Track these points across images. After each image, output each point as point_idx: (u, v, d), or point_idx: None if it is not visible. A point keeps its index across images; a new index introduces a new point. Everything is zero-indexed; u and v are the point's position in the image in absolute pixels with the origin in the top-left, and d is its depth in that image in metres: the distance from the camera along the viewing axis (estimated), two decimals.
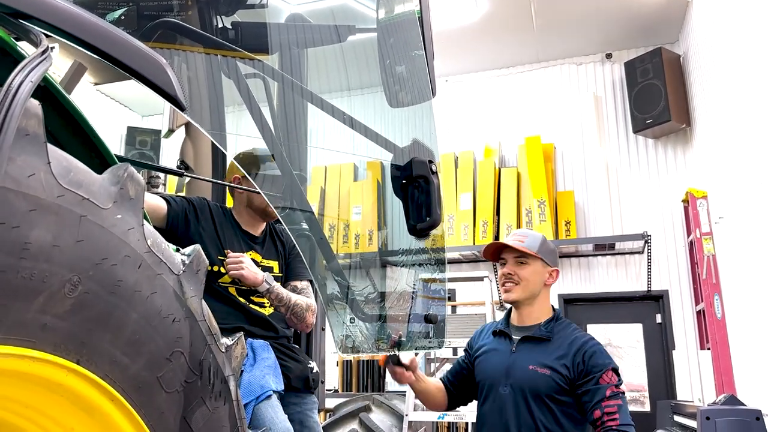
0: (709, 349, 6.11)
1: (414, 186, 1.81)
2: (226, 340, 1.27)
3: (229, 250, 2.34)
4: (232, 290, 2.33)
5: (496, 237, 7.52)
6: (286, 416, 2.13)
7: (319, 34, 2.09)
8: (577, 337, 2.40)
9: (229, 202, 2.87)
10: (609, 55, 7.91)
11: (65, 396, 0.96)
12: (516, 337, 2.42)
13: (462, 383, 2.58)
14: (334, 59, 2.17)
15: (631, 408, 7.02)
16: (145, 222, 1.08)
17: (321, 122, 1.91)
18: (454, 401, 2.60)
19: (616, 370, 2.32)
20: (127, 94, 8.80)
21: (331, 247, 1.89)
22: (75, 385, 0.95)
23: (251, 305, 2.37)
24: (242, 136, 1.88)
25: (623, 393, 2.25)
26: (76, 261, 0.91)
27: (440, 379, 2.62)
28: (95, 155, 1.26)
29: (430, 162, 1.81)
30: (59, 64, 2.19)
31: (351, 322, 1.75)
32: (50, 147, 0.90)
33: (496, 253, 2.49)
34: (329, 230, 1.97)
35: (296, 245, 2.54)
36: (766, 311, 4.70)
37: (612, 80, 7.88)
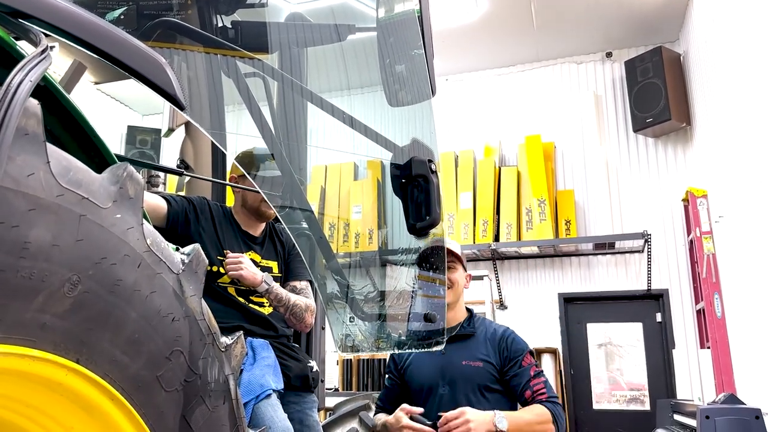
0: (709, 348, 6.11)
1: (413, 185, 1.81)
2: (225, 339, 1.27)
3: (228, 251, 2.34)
4: (232, 290, 2.33)
5: (496, 236, 7.52)
6: (286, 415, 2.14)
7: (318, 33, 2.09)
8: (496, 328, 2.59)
9: (230, 202, 2.87)
10: (609, 54, 7.91)
11: (65, 395, 0.96)
12: None
13: (398, 402, 2.60)
14: (334, 58, 2.17)
15: (631, 407, 7.06)
16: (144, 221, 1.08)
17: (321, 121, 1.91)
18: None
19: (531, 353, 2.57)
20: (127, 93, 8.80)
21: (330, 247, 1.89)
22: (75, 385, 0.95)
23: (251, 305, 2.37)
24: (242, 135, 1.88)
25: (542, 370, 2.51)
26: (76, 260, 0.92)
27: (376, 409, 2.67)
28: (95, 154, 1.26)
29: (430, 161, 1.81)
30: (59, 63, 2.19)
31: (351, 321, 1.75)
32: (49, 146, 0.90)
33: None
34: (329, 229, 1.97)
35: (296, 245, 2.54)
36: (766, 310, 4.70)
37: (612, 79, 7.88)
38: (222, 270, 2.29)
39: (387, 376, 2.72)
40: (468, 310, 2.67)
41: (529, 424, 2.35)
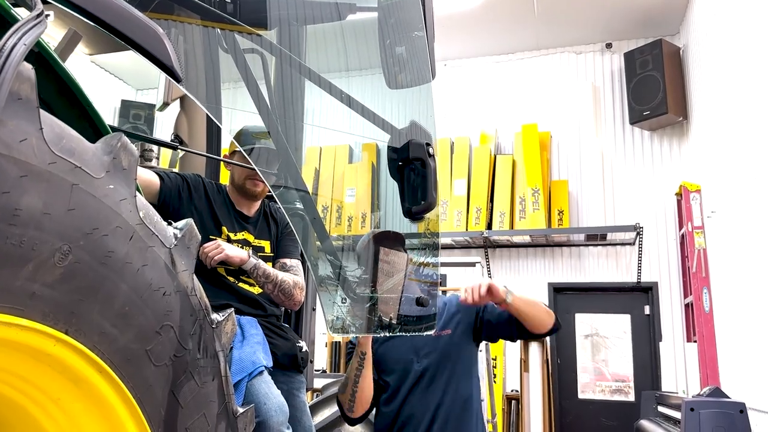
0: (695, 341, 6.17)
1: (410, 168, 1.80)
2: (216, 316, 1.26)
3: (225, 227, 2.33)
4: (221, 270, 2.32)
5: (489, 224, 7.53)
6: (280, 391, 2.13)
7: (319, 10, 2.06)
8: (451, 298, 2.67)
9: (223, 180, 2.85)
10: (609, 45, 7.89)
11: (53, 366, 0.95)
12: None
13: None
14: (333, 38, 2.14)
15: (615, 398, 7.13)
16: (137, 193, 1.07)
17: (318, 100, 1.89)
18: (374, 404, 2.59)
19: None
20: (121, 66, 8.70)
21: (324, 227, 1.88)
22: (63, 355, 0.94)
23: (240, 284, 2.36)
24: (238, 110, 1.86)
25: None
26: (67, 230, 0.90)
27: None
28: (88, 125, 1.24)
29: (428, 144, 1.80)
30: (53, 34, 2.16)
31: (342, 302, 1.75)
32: (43, 113, 0.88)
33: None
34: (322, 212, 1.96)
35: (289, 224, 2.53)
36: (753, 306, 4.74)
37: (611, 70, 7.86)
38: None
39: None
40: None
41: (530, 305, 2.41)
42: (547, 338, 7.30)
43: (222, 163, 2.83)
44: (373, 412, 2.59)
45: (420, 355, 2.50)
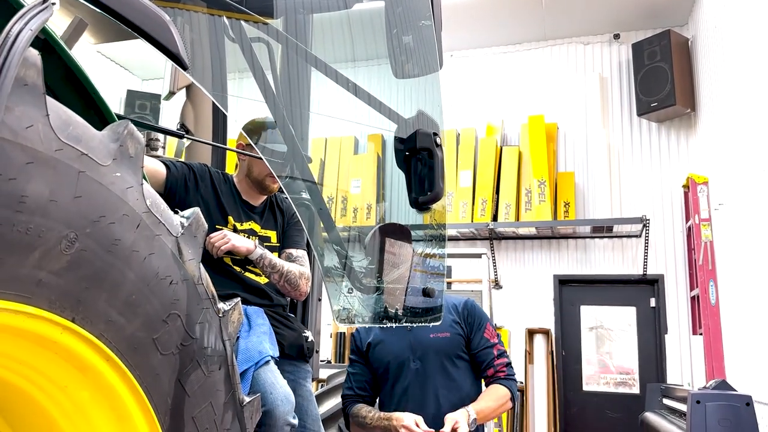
0: (701, 334, 6.15)
1: (417, 158, 1.79)
2: (223, 305, 1.26)
3: (231, 216, 2.33)
4: (227, 260, 2.31)
5: (495, 216, 7.51)
6: (286, 381, 2.13)
7: None
8: (455, 300, 2.67)
9: (229, 169, 2.84)
10: (617, 36, 7.83)
11: (59, 354, 0.95)
12: None
13: (374, 385, 2.65)
14: (340, 28, 2.12)
15: (620, 390, 7.12)
16: (144, 182, 1.06)
17: (325, 90, 1.88)
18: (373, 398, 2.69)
19: (493, 325, 2.68)
20: (127, 56, 8.70)
21: (331, 218, 1.87)
22: (69, 343, 0.94)
23: (246, 273, 2.35)
24: (244, 98, 1.85)
25: (504, 351, 2.63)
26: (74, 217, 0.90)
27: (354, 402, 2.64)
28: (94, 112, 1.23)
29: (435, 134, 1.79)
30: (58, 23, 2.14)
31: (349, 292, 1.74)
32: (49, 99, 0.87)
33: None
34: (327, 203, 1.95)
35: (295, 214, 2.52)
36: (760, 299, 4.72)
37: (618, 62, 7.80)
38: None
39: (351, 361, 2.71)
40: None
41: (494, 411, 2.51)
42: (552, 330, 7.30)
43: (228, 151, 2.82)
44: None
45: (416, 354, 2.53)
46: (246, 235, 2.36)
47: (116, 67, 8.93)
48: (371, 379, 2.64)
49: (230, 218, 2.37)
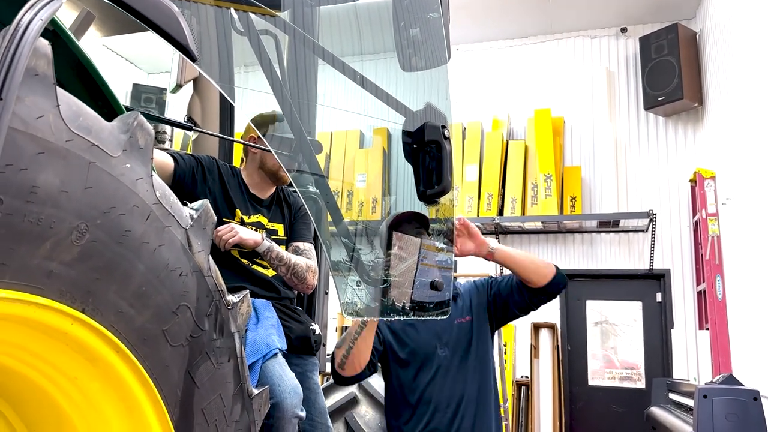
0: (707, 329, 6.13)
1: (425, 151, 1.78)
2: (231, 298, 1.26)
3: (239, 209, 2.33)
4: (235, 252, 2.31)
5: (501, 210, 7.50)
6: (294, 374, 2.14)
7: None
8: (477, 281, 2.69)
9: (235, 162, 2.83)
10: (624, 30, 7.78)
11: (70, 345, 0.95)
12: None
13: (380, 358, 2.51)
14: (347, 21, 2.11)
15: (625, 385, 7.11)
16: (153, 173, 1.06)
17: (333, 82, 1.87)
18: (367, 373, 2.47)
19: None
20: (133, 50, 8.69)
21: (339, 210, 1.86)
22: (80, 335, 0.94)
23: (254, 266, 2.35)
24: (252, 90, 1.84)
25: None
26: (84, 208, 0.89)
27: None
28: (103, 104, 1.23)
29: (443, 127, 1.78)
30: (66, 17, 2.14)
31: (357, 285, 1.74)
32: (59, 90, 0.87)
33: None
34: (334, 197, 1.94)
35: (303, 207, 2.52)
36: (767, 293, 4.70)
37: (626, 55, 7.76)
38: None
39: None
40: None
41: (520, 257, 2.47)
42: (558, 325, 7.28)
43: (235, 144, 2.82)
44: (383, 397, 2.54)
45: (443, 341, 2.48)
46: (253, 228, 2.36)
47: (122, 61, 8.93)
48: (381, 349, 2.49)
49: (238, 211, 2.37)
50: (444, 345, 2.47)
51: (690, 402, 3.90)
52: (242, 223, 2.35)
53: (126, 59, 8.97)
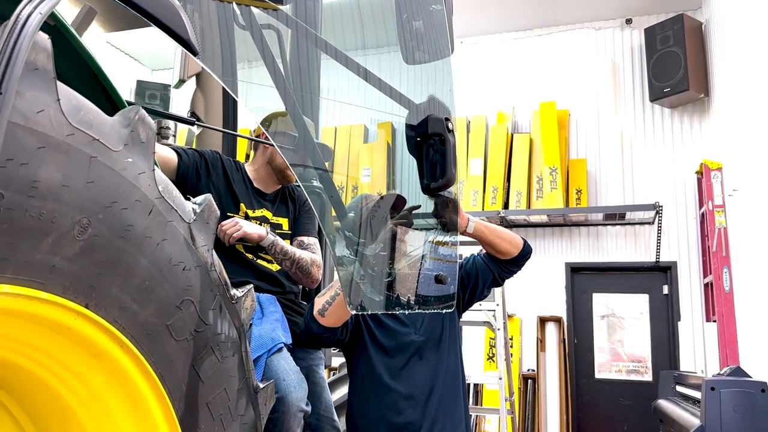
0: (714, 321, 6.11)
1: (429, 144, 1.77)
2: (236, 292, 1.25)
3: (243, 204, 2.33)
4: (239, 247, 2.31)
5: (506, 203, 7.48)
6: (299, 368, 2.14)
7: None
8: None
9: (239, 157, 2.83)
10: (629, 21, 7.73)
11: (73, 339, 0.95)
12: None
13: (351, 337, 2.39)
14: (350, 14, 2.10)
15: (632, 378, 7.10)
16: (156, 167, 1.06)
17: (336, 76, 1.87)
18: (342, 334, 2.32)
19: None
20: (136, 46, 8.70)
21: (343, 205, 1.86)
22: (83, 329, 0.94)
23: (258, 260, 2.35)
24: (255, 84, 1.84)
25: None
26: (86, 203, 0.89)
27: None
28: (105, 99, 1.23)
29: (447, 120, 1.77)
30: (67, 14, 2.14)
31: (361, 280, 1.73)
32: (60, 84, 0.87)
33: None
34: (338, 192, 1.93)
35: (307, 202, 2.51)
36: None
37: (631, 47, 7.71)
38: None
39: None
40: None
41: (497, 232, 2.43)
42: (564, 318, 7.27)
43: (239, 139, 2.81)
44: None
45: (417, 326, 2.43)
46: (258, 222, 2.36)
47: (125, 57, 8.93)
48: (348, 326, 2.34)
49: (242, 205, 2.37)
50: (418, 329, 2.42)
51: (697, 394, 3.89)
52: (247, 217, 2.35)
53: (129, 55, 8.98)
